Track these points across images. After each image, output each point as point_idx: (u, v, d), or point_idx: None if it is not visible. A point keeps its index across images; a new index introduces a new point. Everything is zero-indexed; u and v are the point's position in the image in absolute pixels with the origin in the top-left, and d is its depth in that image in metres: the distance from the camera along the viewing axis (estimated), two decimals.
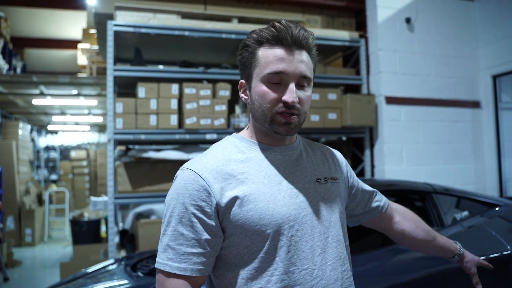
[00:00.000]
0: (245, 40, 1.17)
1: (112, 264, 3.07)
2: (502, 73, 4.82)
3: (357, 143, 4.88)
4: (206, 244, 1.07)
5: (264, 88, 1.11)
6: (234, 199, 1.07)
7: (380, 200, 1.46)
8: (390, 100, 4.52)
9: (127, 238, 4.32)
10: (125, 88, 4.53)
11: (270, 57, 1.10)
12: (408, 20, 4.61)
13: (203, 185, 1.07)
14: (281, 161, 1.17)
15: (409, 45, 4.65)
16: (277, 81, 1.11)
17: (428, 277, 2.33)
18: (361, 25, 4.89)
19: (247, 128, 1.24)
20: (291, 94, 1.09)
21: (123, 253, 4.17)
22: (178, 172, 1.13)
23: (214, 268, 1.13)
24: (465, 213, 2.87)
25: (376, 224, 1.49)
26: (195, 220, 1.06)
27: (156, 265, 1.08)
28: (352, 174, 1.40)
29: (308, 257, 1.11)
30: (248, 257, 1.09)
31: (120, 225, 4.69)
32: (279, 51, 1.10)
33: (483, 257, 2.40)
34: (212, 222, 1.07)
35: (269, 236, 1.08)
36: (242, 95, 1.23)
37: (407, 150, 4.54)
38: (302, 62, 1.12)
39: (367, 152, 4.66)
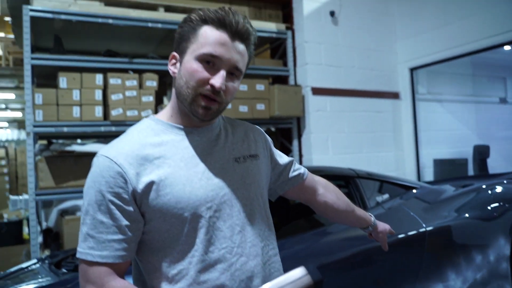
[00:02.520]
0: (189, 15, 1.14)
1: (34, 264, 2.90)
2: (418, 66, 5.15)
3: (285, 133, 4.99)
4: (126, 230, 1.05)
5: (195, 66, 1.09)
6: (150, 184, 1.06)
7: (299, 168, 1.48)
8: (316, 91, 4.66)
9: (52, 237, 4.11)
10: (45, 79, 4.28)
11: (210, 38, 1.08)
12: (332, 13, 4.77)
13: (118, 172, 1.05)
14: (198, 142, 1.16)
15: (334, 38, 4.82)
16: (210, 63, 1.09)
17: (354, 256, 2.45)
18: (287, 17, 4.99)
19: (166, 108, 1.22)
20: (219, 79, 1.08)
21: (47, 253, 3.97)
22: (94, 159, 1.11)
23: (139, 253, 1.13)
24: (386, 196, 3.05)
25: (300, 196, 1.52)
26: (112, 207, 1.05)
27: (78, 255, 1.06)
28: (273, 148, 1.42)
29: (227, 236, 1.12)
30: (170, 240, 1.09)
31: (44, 224, 4.45)
32: (222, 35, 1.09)
33: (402, 235, 2.57)
34: (130, 208, 1.06)
35: (187, 219, 1.08)
36: (170, 67, 1.18)
37: (332, 139, 4.71)
38: (239, 53, 1.11)
39: (295, 142, 4.77)
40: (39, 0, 3.68)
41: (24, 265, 2.95)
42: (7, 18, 6.53)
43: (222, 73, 1.08)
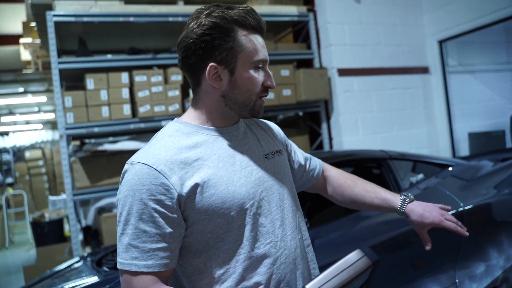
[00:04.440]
0: (212, 20, 1.08)
1: (77, 262, 3.00)
2: (447, 38, 4.97)
3: (314, 117, 4.93)
4: (170, 237, 1.05)
5: (253, 74, 1.14)
6: (195, 187, 1.06)
7: (315, 167, 1.49)
8: (342, 72, 4.58)
9: (91, 234, 4.23)
10: (73, 81, 4.36)
11: (256, 45, 1.13)
12: None
13: (160, 178, 1.03)
14: (229, 142, 1.18)
15: (357, 16, 4.70)
16: (260, 66, 1.15)
17: (391, 239, 2.41)
18: None
19: (191, 112, 1.20)
20: (272, 79, 1.17)
21: (88, 250, 4.09)
22: (127, 167, 1.07)
23: (178, 257, 1.12)
24: (420, 175, 2.98)
25: (313, 189, 1.54)
26: (156, 215, 1.03)
27: (120, 266, 1.04)
28: (288, 142, 1.44)
29: (269, 231, 1.14)
30: (213, 240, 1.09)
31: (83, 222, 4.58)
32: (260, 39, 1.15)
33: None
34: (174, 215, 1.04)
35: (233, 218, 1.09)
36: (211, 81, 1.12)
37: (362, 120, 4.63)
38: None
39: (324, 125, 4.72)
40: (61, 4, 3.74)
41: (68, 263, 3.05)
42: (33, 24, 6.67)
43: (271, 73, 1.18)
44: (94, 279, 2.50)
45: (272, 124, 1.41)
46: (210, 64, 1.11)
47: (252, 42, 1.12)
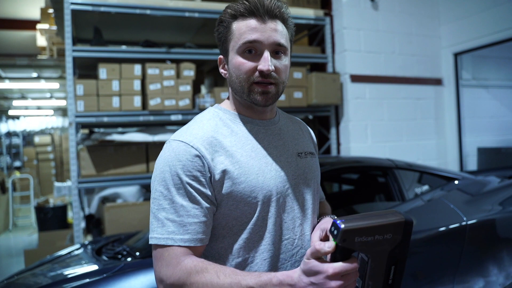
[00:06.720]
0: (220, 16, 1.18)
1: (78, 249, 3.02)
2: (463, 51, 4.92)
3: (323, 121, 4.92)
4: (207, 212, 1.07)
5: (240, 59, 1.12)
6: (226, 172, 1.08)
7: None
8: (355, 78, 4.56)
9: (93, 223, 4.25)
10: (86, 69, 4.39)
11: (243, 28, 1.12)
12: None
13: (196, 155, 1.06)
14: (264, 135, 1.19)
15: (374, 23, 4.68)
16: (252, 51, 1.12)
17: None
18: (326, 3, 4.88)
19: (228, 99, 1.25)
20: (265, 62, 1.10)
21: (89, 238, 4.11)
22: (165, 145, 1.12)
23: None
24: (425, 187, 2.96)
25: None
26: (191, 190, 1.05)
27: (154, 242, 1.05)
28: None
29: (289, 228, 1.16)
30: (238, 228, 1.11)
31: (86, 210, 4.60)
32: (251, 21, 1.12)
33: (443, 228, 2.49)
34: (208, 191, 1.07)
35: (259, 208, 1.11)
36: (222, 70, 1.22)
37: (371, 127, 4.61)
38: (276, 30, 1.13)
39: (333, 130, 4.70)
40: None
41: (68, 249, 3.07)
42: (51, 10, 6.72)
43: (266, 55, 1.11)
44: (93, 267, 2.52)
45: (311, 131, 1.42)
46: (219, 56, 1.22)
47: (239, 27, 1.13)
